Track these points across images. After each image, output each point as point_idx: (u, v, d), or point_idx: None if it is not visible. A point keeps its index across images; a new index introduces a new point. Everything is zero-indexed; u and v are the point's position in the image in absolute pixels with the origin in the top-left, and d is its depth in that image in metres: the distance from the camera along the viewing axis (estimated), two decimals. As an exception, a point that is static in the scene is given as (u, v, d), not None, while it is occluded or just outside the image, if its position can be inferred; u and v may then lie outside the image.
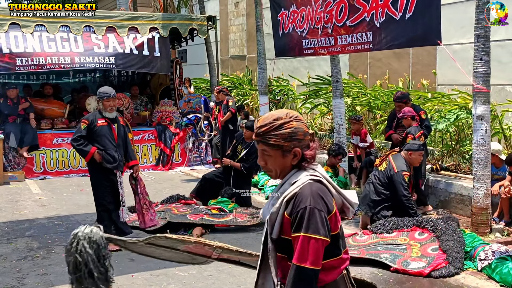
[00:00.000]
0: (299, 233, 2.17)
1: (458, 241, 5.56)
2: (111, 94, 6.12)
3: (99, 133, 6.14)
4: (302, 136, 2.28)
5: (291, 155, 2.28)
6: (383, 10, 7.30)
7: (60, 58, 10.51)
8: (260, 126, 2.30)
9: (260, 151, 2.34)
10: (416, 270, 5.31)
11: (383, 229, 6.12)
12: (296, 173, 2.30)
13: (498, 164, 7.17)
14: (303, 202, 2.18)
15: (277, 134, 2.26)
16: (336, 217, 2.29)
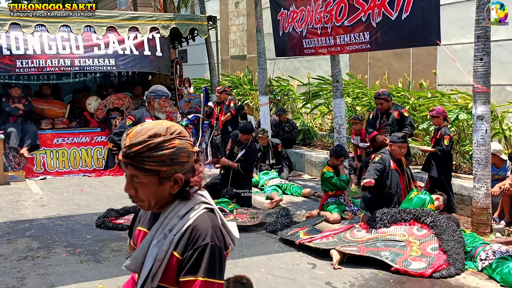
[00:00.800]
0: (195, 277, 1.73)
1: (458, 241, 5.55)
2: (169, 95, 5.97)
3: None
4: (186, 158, 1.81)
5: (170, 182, 1.80)
6: (380, 10, 7.30)
7: (60, 60, 10.55)
8: (130, 145, 1.76)
9: (128, 176, 1.81)
10: (418, 272, 5.30)
11: (381, 224, 6.11)
12: (181, 203, 1.84)
13: (499, 164, 7.17)
14: (201, 237, 1.76)
15: (153, 156, 1.75)
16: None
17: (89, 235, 6.68)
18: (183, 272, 1.74)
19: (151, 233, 1.83)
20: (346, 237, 6.17)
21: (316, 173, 10.24)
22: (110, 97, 11.41)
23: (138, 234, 1.96)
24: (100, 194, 9.14)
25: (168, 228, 1.79)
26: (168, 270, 1.76)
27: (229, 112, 10.92)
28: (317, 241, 6.07)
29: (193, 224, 1.78)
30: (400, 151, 6.72)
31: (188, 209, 1.82)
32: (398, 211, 6.13)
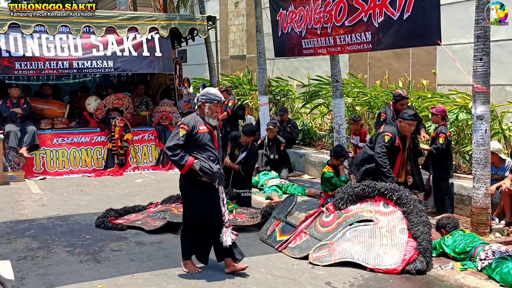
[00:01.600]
0: None
1: (426, 223, 5.63)
2: (221, 99, 5.38)
3: (200, 141, 5.23)
4: None
5: None
6: (381, 10, 7.31)
7: (59, 63, 10.57)
8: None
9: None
10: (390, 268, 5.38)
11: (347, 202, 6.17)
12: None
13: (497, 164, 7.17)
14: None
15: None
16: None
17: (88, 235, 6.68)
18: None
19: None
20: (318, 228, 6.18)
21: (316, 173, 10.25)
22: (110, 97, 11.41)
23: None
24: (100, 194, 9.14)
25: None
26: None
27: (226, 111, 10.94)
28: (291, 245, 6.11)
29: None
30: (409, 128, 6.81)
31: None
32: (362, 188, 6.16)
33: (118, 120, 11.06)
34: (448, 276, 5.31)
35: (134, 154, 11.27)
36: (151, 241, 6.45)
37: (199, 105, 5.32)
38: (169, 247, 6.24)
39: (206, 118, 5.29)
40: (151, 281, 5.19)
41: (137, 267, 5.55)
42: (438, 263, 5.63)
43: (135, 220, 7.14)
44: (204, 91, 5.35)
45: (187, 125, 5.19)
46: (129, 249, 6.18)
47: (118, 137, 11.00)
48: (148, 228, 6.82)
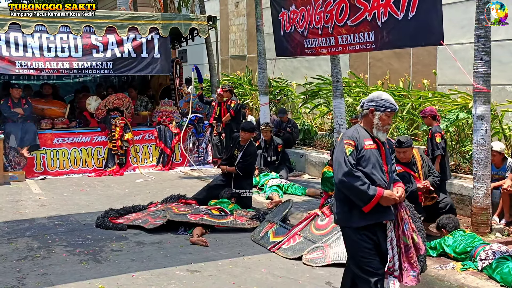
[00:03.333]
0: None
1: (420, 229, 5.55)
2: (397, 108, 4.07)
3: (367, 160, 3.89)
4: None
5: None
6: (385, 10, 7.31)
7: (59, 63, 10.59)
8: None
9: None
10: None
11: None
12: None
13: (498, 164, 7.17)
14: None
15: None
16: None
17: (89, 235, 6.68)
18: None
19: None
20: (312, 231, 6.17)
21: (316, 173, 10.24)
22: (110, 97, 11.41)
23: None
24: (100, 194, 9.15)
25: None
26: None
27: (229, 113, 10.95)
28: (285, 246, 6.11)
29: None
30: (398, 155, 6.66)
31: None
32: None
33: (119, 120, 11.07)
34: (449, 276, 5.31)
35: (135, 154, 11.27)
36: (151, 241, 6.45)
37: (364, 114, 4.01)
38: (169, 247, 6.24)
39: (375, 131, 3.99)
40: (151, 281, 5.19)
41: (137, 267, 5.55)
42: (439, 263, 5.63)
43: (135, 219, 7.14)
44: (374, 96, 4.06)
45: (353, 139, 3.91)
46: (129, 249, 6.18)
47: (119, 137, 11.00)
48: (148, 227, 6.82)
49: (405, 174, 6.49)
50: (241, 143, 8.11)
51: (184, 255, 5.94)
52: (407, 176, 6.47)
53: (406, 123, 10.60)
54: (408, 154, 6.52)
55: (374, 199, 3.72)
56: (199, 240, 6.33)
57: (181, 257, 5.87)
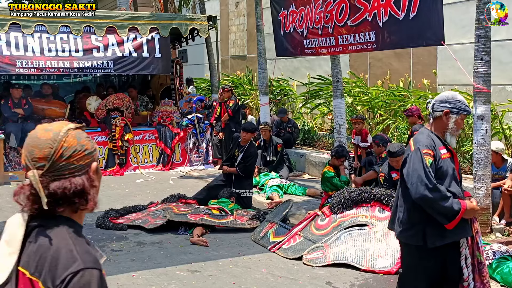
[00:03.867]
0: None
1: None
2: (470, 111, 3.74)
3: (444, 171, 3.47)
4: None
5: None
6: (386, 10, 7.32)
7: (60, 62, 10.58)
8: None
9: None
10: (384, 270, 5.38)
11: (343, 208, 6.15)
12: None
13: (498, 164, 7.16)
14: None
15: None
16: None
17: (89, 235, 6.68)
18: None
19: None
20: (312, 231, 6.18)
21: (317, 173, 10.25)
22: (110, 97, 11.42)
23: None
24: (100, 194, 9.05)
25: None
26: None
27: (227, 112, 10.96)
28: (285, 246, 6.11)
29: None
30: (392, 163, 6.61)
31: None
32: (358, 193, 6.15)
33: (119, 120, 11.07)
34: (449, 276, 5.31)
35: (135, 154, 11.27)
36: (151, 241, 6.46)
37: (436, 116, 3.54)
38: (169, 247, 6.24)
39: (448, 136, 3.54)
40: (152, 281, 5.19)
41: (137, 267, 5.55)
42: (439, 263, 5.63)
43: (135, 219, 7.14)
44: (448, 96, 3.57)
45: (430, 149, 3.44)
46: (129, 249, 6.18)
47: (119, 137, 11.00)
48: (148, 227, 6.83)
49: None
50: (241, 143, 8.12)
51: (184, 255, 5.94)
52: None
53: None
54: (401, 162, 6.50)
55: (460, 214, 3.33)
56: (199, 240, 6.33)
57: (182, 257, 5.87)
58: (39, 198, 1.54)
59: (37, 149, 1.57)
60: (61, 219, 1.60)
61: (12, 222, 1.62)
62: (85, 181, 1.61)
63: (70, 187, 1.56)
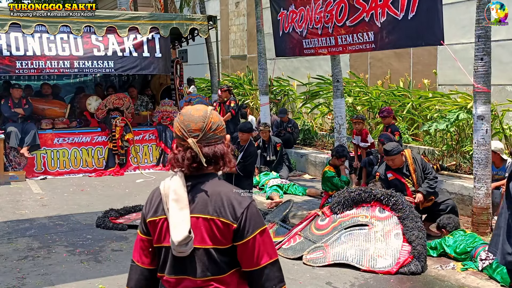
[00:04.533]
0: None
1: (421, 228, 5.66)
2: None
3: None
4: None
5: None
6: (383, 10, 7.31)
7: (60, 62, 10.58)
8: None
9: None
10: (384, 270, 5.39)
11: (344, 208, 6.16)
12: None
13: (498, 164, 7.14)
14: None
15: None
16: (155, 228, 2.11)
17: (89, 235, 6.68)
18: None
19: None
20: (312, 231, 6.18)
21: (317, 173, 10.25)
22: (111, 97, 11.42)
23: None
24: (101, 194, 9.15)
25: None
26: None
27: (229, 112, 10.95)
28: (285, 246, 6.12)
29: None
30: (388, 162, 6.60)
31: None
32: (358, 193, 6.15)
33: (119, 120, 11.06)
34: (449, 276, 5.31)
35: (135, 154, 11.27)
36: (151, 241, 6.45)
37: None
38: (169, 247, 6.24)
39: None
40: (152, 281, 5.18)
41: (137, 267, 5.54)
42: (439, 263, 5.63)
43: (135, 219, 7.14)
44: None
45: None
46: (129, 249, 6.17)
47: (119, 137, 11.00)
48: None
49: (396, 182, 6.47)
50: (241, 143, 8.12)
51: (184, 255, 5.93)
52: (399, 184, 6.45)
53: (407, 123, 10.61)
54: (398, 161, 6.50)
55: None
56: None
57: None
58: (196, 159, 2.06)
59: (193, 123, 2.10)
60: (211, 175, 2.13)
61: (174, 185, 2.07)
62: (224, 148, 2.13)
63: (216, 151, 2.10)
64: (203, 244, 2.03)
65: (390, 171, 6.58)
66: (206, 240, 2.03)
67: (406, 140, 10.09)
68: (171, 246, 2.02)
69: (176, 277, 2.07)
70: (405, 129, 10.32)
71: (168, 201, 2.06)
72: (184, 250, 2.01)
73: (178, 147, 2.12)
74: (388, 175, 6.58)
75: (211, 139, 2.11)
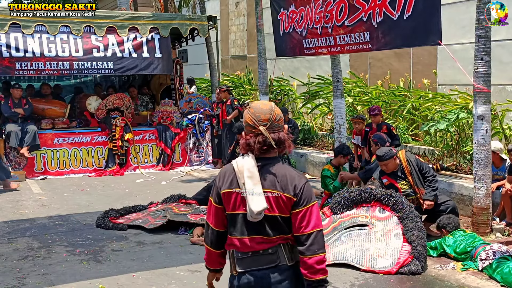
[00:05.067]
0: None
1: (421, 228, 5.65)
2: None
3: None
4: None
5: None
6: (381, 10, 7.30)
7: (59, 63, 10.60)
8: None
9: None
10: (384, 270, 5.39)
11: (344, 208, 6.15)
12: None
13: (498, 163, 7.14)
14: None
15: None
16: (229, 198, 2.69)
17: (89, 235, 6.68)
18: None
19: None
20: None
21: (317, 173, 10.24)
22: (111, 97, 11.42)
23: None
24: (101, 194, 9.15)
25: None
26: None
27: (236, 109, 10.95)
28: None
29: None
30: (382, 167, 6.54)
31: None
32: (358, 193, 6.13)
33: (119, 120, 11.07)
34: (449, 276, 5.31)
35: (135, 154, 11.27)
36: (151, 241, 6.45)
37: None
38: (169, 247, 6.24)
39: None
40: (152, 281, 5.19)
41: (137, 267, 5.55)
42: (439, 263, 5.63)
43: (135, 219, 7.14)
44: None
45: None
46: (129, 249, 6.18)
47: (119, 137, 11.00)
48: (148, 227, 6.83)
49: (391, 188, 6.42)
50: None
51: (184, 255, 5.94)
52: (394, 188, 6.41)
53: (407, 123, 10.61)
54: (391, 166, 6.45)
55: None
56: (199, 240, 6.33)
57: (182, 257, 5.87)
58: (266, 143, 2.61)
59: (262, 114, 2.65)
60: (276, 158, 2.70)
61: (247, 164, 2.63)
62: (285, 135, 2.69)
63: (280, 137, 2.65)
64: (272, 213, 2.62)
65: (385, 176, 6.52)
66: (274, 209, 2.62)
67: (406, 140, 10.09)
68: (249, 213, 2.58)
69: (249, 237, 2.66)
70: (405, 129, 10.32)
71: (242, 177, 2.62)
72: (259, 217, 2.58)
73: (248, 134, 2.67)
74: (384, 180, 6.53)
75: (275, 127, 2.65)
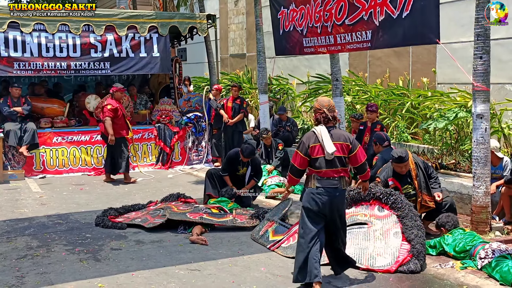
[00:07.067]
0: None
1: (420, 227, 5.65)
2: None
3: None
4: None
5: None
6: (382, 8, 7.31)
7: (57, 63, 10.59)
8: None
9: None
10: (383, 269, 5.40)
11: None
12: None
13: (495, 162, 7.10)
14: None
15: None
16: (314, 149, 4.88)
17: (88, 234, 6.68)
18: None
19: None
20: None
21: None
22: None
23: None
24: (100, 193, 9.15)
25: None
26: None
27: (242, 113, 10.93)
28: (284, 245, 6.09)
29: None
30: (397, 169, 6.37)
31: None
32: (357, 192, 6.11)
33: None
34: (448, 274, 5.31)
35: (134, 152, 11.26)
36: (151, 240, 6.46)
37: None
38: (169, 245, 6.24)
39: None
40: (151, 279, 5.19)
41: (137, 266, 5.55)
42: (438, 261, 5.63)
43: (134, 218, 7.14)
44: None
45: None
46: (129, 247, 6.18)
47: (118, 135, 10.98)
48: (147, 226, 6.83)
49: (395, 190, 6.36)
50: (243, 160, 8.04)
51: (183, 254, 5.94)
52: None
53: (406, 122, 10.61)
54: (408, 166, 6.37)
55: None
56: (198, 239, 6.33)
57: (181, 256, 5.87)
58: (328, 118, 4.94)
59: (325, 103, 4.99)
60: (334, 126, 4.97)
61: (323, 130, 4.86)
62: (336, 113, 5.00)
63: (335, 115, 4.97)
64: (339, 154, 4.86)
65: (392, 178, 6.42)
66: (340, 152, 4.86)
67: (406, 139, 10.09)
68: (326, 155, 4.80)
69: (327, 169, 4.85)
70: (404, 128, 10.32)
71: (321, 136, 4.82)
72: (332, 156, 4.80)
73: (317, 115, 4.97)
74: (390, 182, 6.44)
75: (331, 110, 4.93)
